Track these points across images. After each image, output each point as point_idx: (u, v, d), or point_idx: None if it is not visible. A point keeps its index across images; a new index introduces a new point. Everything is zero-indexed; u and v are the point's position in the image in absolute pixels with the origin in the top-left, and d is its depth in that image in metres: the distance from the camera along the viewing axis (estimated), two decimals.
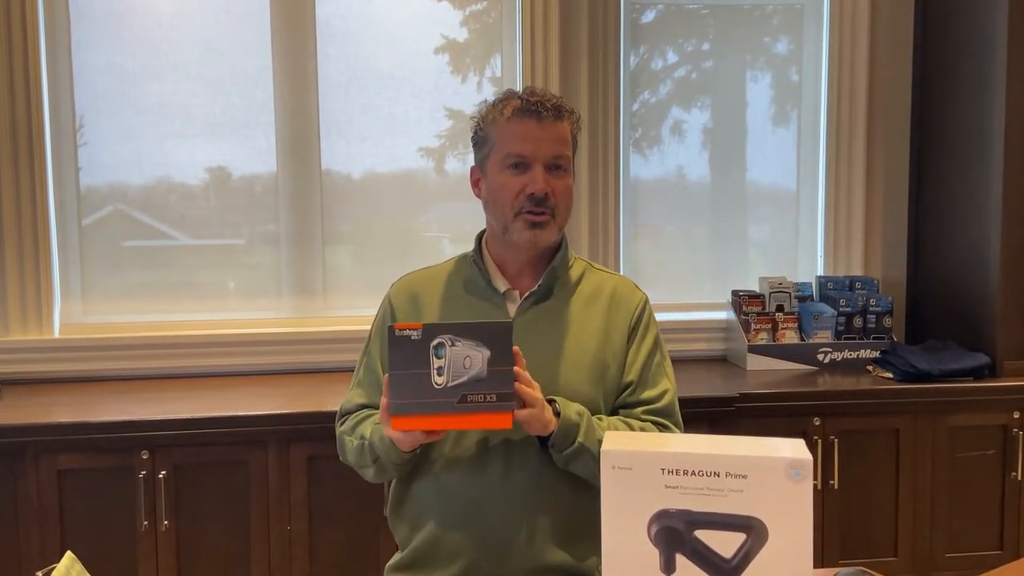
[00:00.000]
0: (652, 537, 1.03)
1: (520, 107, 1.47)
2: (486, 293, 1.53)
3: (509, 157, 1.47)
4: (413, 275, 1.62)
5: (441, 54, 2.84)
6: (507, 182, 1.48)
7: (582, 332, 1.51)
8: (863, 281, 2.89)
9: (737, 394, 2.38)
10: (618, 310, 1.54)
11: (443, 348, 1.23)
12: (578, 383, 1.48)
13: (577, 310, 1.53)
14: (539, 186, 1.45)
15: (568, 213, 1.53)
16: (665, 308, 2.97)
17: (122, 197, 2.72)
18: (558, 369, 1.47)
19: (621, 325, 1.53)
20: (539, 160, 1.46)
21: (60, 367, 2.59)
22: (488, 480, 1.44)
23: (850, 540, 2.46)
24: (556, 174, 1.48)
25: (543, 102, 1.47)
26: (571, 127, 1.52)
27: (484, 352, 1.24)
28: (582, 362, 1.49)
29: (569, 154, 1.51)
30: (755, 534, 1.01)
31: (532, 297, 1.52)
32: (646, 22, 2.96)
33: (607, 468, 1.04)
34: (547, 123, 1.46)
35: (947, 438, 2.48)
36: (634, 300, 1.57)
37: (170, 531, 2.16)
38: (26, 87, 2.53)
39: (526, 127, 1.46)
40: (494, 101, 1.53)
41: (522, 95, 1.49)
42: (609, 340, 1.52)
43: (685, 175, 3.02)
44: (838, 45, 2.93)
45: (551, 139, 1.47)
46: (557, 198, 1.48)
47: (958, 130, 2.79)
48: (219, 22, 2.71)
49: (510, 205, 1.47)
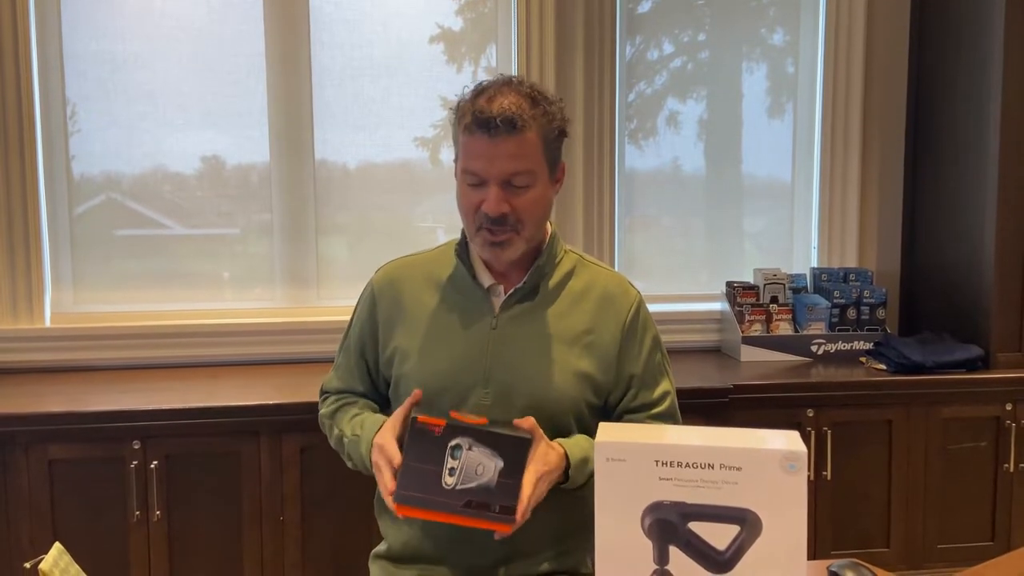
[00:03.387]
0: (646, 529, 1.02)
1: (471, 122, 1.36)
2: (470, 288, 1.48)
3: (465, 172, 1.40)
4: (398, 263, 1.58)
5: (436, 43, 2.82)
6: (466, 194, 1.41)
7: (568, 332, 1.45)
8: (857, 273, 2.89)
9: (731, 385, 2.38)
10: (608, 310, 1.47)
11: (460, 450, 1.22)
12: (559, 385, 1.43)
13: (563, 309, 1.47)
14: (491, 207, 1.36)
15: (536, 224, 1.43)
16: (660, 299, 2.97)
17: (115, 186, 2.70)
18: (540, 370, 1.43)
19: (611, 327, 1.47)
20: (493, 179, 1.36)
21: (51, 356, 2.57)
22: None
23: (843, 531, 2.47)
24: (515, 191, 1.38)
25: (493, 118, 1.33)
26: (539, 132, 1.38)
27: (498, 462, 1.23)
28: (566, 364, 1.44)
29: (531, 167, 1.38)
30: (749, 526, 1.00)
31: (516, 295, 1.46)
32: (642, 12, 2.94)
33: (601, 460, 1.03)
34: (500, 139, 1.34)
35: (940, 430, 2.49)
36: (627, 301, 1.49)
37: (162, 521, 2.15)
38: (16, 74, 2.51)
39: (478, 143, 1.36)
40: (459, 101, 1.42)
41: (475, 107, 1.36)
42: (597, 341, 1.46)
43: (680, 166, 3.02)
44: (834, 37, 2.92)
45: (505, 156, 1.35)
46: (520, 213, 1.38)
47: (954, 122, 2.79)
48: (212, 9, 2.69)
49: (471, 219, 1.41)
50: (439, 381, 1.44)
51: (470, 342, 1.45)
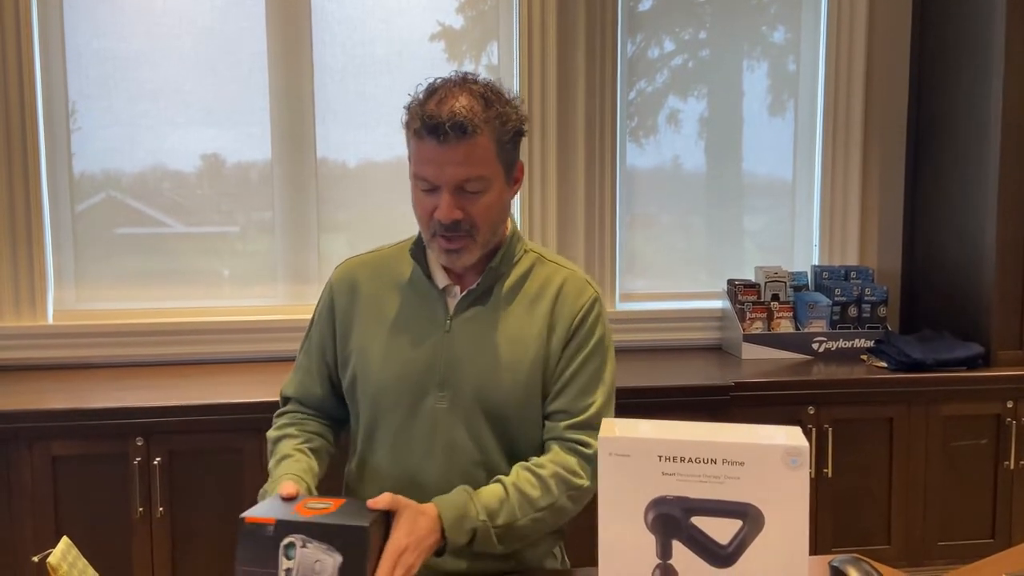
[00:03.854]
0: (649, 524, 1.03)
1: (420, 126, 1.31)
2: (426, 288, 1.44)
3: (417, 178, 1.36)
4: (357, 260, 1.55)
5: (437, 41, 2.82)
6: (419, 200, 1.37)
7: (523, 335, 1.41)
8: (858, 271, 2.89)
9: (732, 383, 2.38)
10: (563, 310, 1.43)
11: (293, 549, 1.12)
12: (513, 389, 1.40)
13: (519, 311, 1.43)
14: (443, 214, 1.33)
15: (493, 228, 1.39)
16: (660, 297, 2.98)
17: (117, 184, 2.71)
18: (493, 373, 1.40)
19: (562, 329, 1.42)
20: (445, 185, 1.32)
21: (53, 353, 2.58)
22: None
23: (843, 528, 2.47)
24: (468, 196, 1.34)
25: (443, 123, 1.28)
26: (492, 135, 1.33)
27: (336, 558, 1.11)
28: (519, 367, 1.40)
29: (484, 172, 1.34)
30: (751, 521, 1.01)
31: (470, 296, 1.42)
32: (643, 10, 2.94)
33: (604, 454, 1.03)
34: (450, 145, 1.30)
35: (941, 427, 2.49)
36: (581, 299, 1.45)
37: (165, 518, 2.16)
38: (19, 72, 2.51)
39: (428, 149, 1.32)
40: (410, 103, 1.37)
41: (424, 111, 1.31)
42: (551, 343, 1.42)
43: (681, 164, 3.02)
44: (836, 34, 2.93)
45: (456, 162, 1.31)
46: (474, 218, 1.35)
47: (955, 120, 2.79)
48: (214, 7, 2.69)
49: (425, 224, 1.38)
50: (394, 384, 1.41)
51: (424, 344, 1.42)
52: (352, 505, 1.19)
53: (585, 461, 1.39)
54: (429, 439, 1.41)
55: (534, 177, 2.79)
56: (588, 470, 1.38)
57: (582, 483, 1.38)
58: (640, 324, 2.87)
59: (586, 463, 1.39)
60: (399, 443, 1.43)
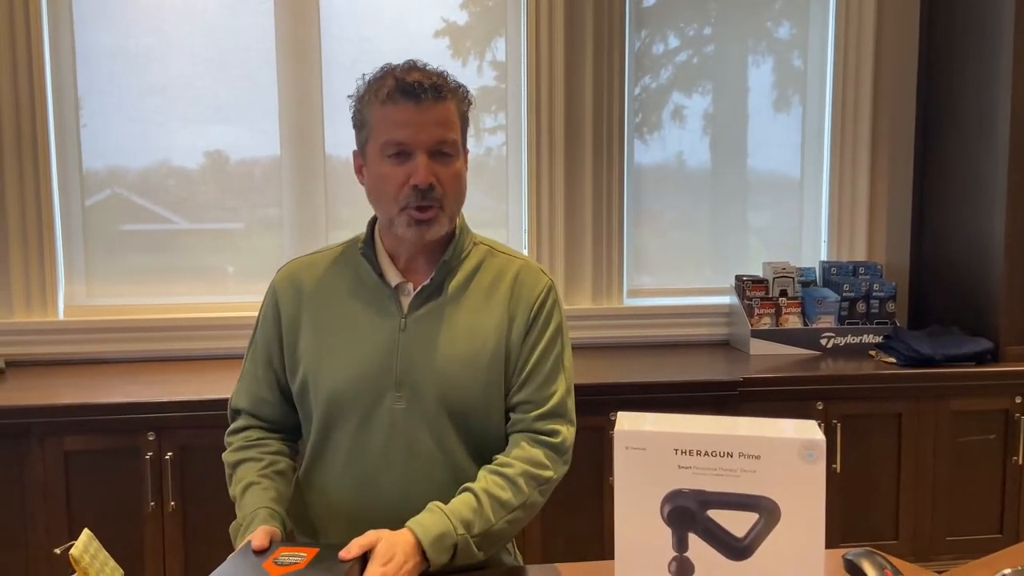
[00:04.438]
0: (665, 517, 1.03)
1: (395, 88, 1.31)
2: (378, 287, 1.40)
3: (388, 145, 1.32)
4: (299, 262, 1.48)
5: (444, 37, 2.82)
6: (388, 173, 1.33)
7: (480, 327, 1.38)
8: (867, 266, 2.89)
9: (740, 378, 2.39)
10: (519, 299, 1.41)
11: None
12: (473, 383, 1.37)
13: (474, 304, 1.40)
14: (421, 176, 1.31)
15: (459, 201, 1.38)
16: (669, 293, 2.99)
17: (126, 180, 2.71)
18: (451, 369, 1.36)
19: (521, 318, 1.40)
20: (421, 147, 1.31)
21: (64, 349, 2.59)
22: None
23: (852, 523, 2.48)
24: (442, 161, 1.33)
25: (421, 81, 1.30)
26: (457, 104, 1.36)
27: None
28: (478, 361, 1.37)
29: (456, 137, 1.35)
30: (767, 514, 1.01)
31: (423, 292, 1.39)
32: (648, 6, 2.94)
33: (621, 449, 1.04)
34: (427, 105, 1.30)
35: (949, 422, 2.49)
36: (537, 287, 1.42)
37: (176, 512, 2.17)
38: (28, 68, 2.52)
39: (403, 111, 1.30)
40: (370, 79, 1.37)
41: (397, 73, 1.33)
42: (512, 334, 1.39)
43: (686, 160, 3.02)
44: (844, 29, 2.93)
45: (432, 123, 1.31)
46: (445, 187, 1.33)
47: (963, 115, 2.79)
48: (222, 3, 2.70)
49: (393, 199, 1.34)
50: (349, 387, 1.37)
51: (378, 344, 1.37)
52: (325, 555, 1.15)
53: (552, 451, 1.38)
54: (387, 442, 1.37)
55: (541, 173, 2.79)
56: (556, 460, 1.38)
57: (550, 475, 1.36)
58: (648, 320, 2.88)
59: (553, 453, 1.38)
60: (356, 448, 1.38)
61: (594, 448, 2.30)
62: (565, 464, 1.40)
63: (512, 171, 2.87)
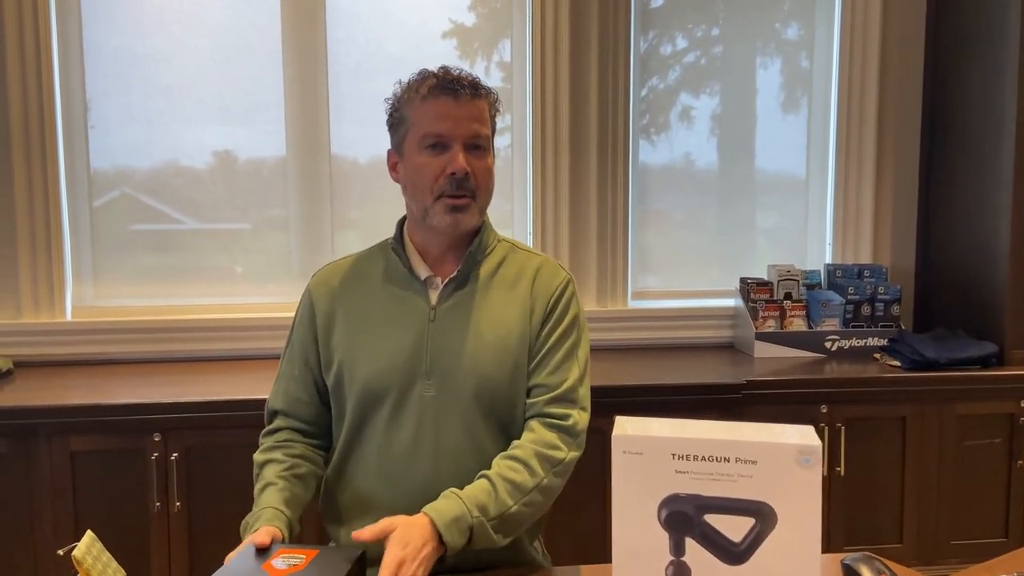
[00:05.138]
0: (662, 521, 1.04)
1: (436, 85, 1.42)
2: (407, 281, 1.48)
3: (427, 137, 1.42)
4: (331, 267, 1.57)
5: (450, 39, 2.83)
6: (426, 163, 1.42)
7: (505, 318, 1.45)
8: (872, 269, 2.89)
9: (744, 381, 2.39)
10: (540, 290, 1.48)
11: None
12: (499, 370, 1.42)
13: (499, 296, 1.47)
14: (458, 165, 1.39)
15: (489, 195, 1.47)
16: (673, 295, 2.99)
17: (134, 181, 2.73)
18: (479, 356, 1.42)
19: (540, 308, 1.47)
20: (457, 139, 1.41)
21: (72, 350, 2.61)
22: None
23: (855, 527, 2.48)
24: (475, 154, 1.43)
25: (459, 79, 1.42)
26: (489, 106, 1.46)
27: None
28: (504, 349, 1.43)
29: (488, 133, 1.46)
30: (764, 519, 1.02)
31: (452, 283, 1.46)
32: (656, 7, 2.94)
33: (618, 453, 1.05)
34: (464, 101, 1.41)
35: (954, 426, 2.49)
36: (555, 281, 1.50)
37: (182, 513, 2.18)
38: (37, 68, 2.54)
39: (443, 105, 1.41)
40: (409, 81, 1.47)
41: (437, 73, 1.44)
42: (532, 323, 1.46)
43: (693, 162, 3.02)
44: (850, 31, 2.92)
45: (469, 117, 1.42)
46: (477, 179, 1.42)
47: (970, 118, 2.78)
48: (229, 5, 2.72)
49: (429, 188, 1.42)
50: (380, 379, 1.43)
51: (409, 335, 1.44)
52: (325, 557, 1.17)
53: (564, 433, 1.42)
54: (417, 431, 1.42)
55: (546, 174, 2.80)
56: (569, 441, 1.41)
57: (562, 456, 1.39)
58: (652, 322, 2.88)
59: (565, 435, 1.41)
60: (386, 440, 1.43)
61: (597, 450, 2.29)
62: (579, 447, 1.43)
63: (517, 172, 2.88)
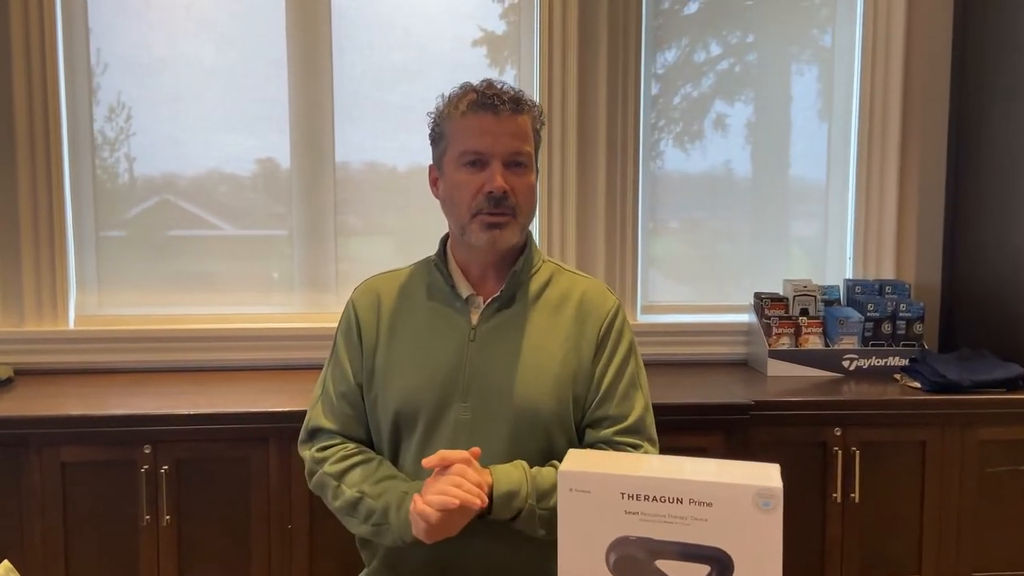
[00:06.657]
0: (611, 565, 0.97)
1: (476, 100, 1.38)
2: (449, 299, 1.45)
3: (465, 154, 1.38)
4: (376, 279, 1.55)
5: (457, 48, 2.79)
6: (464, 180, 1.39)
7: (548, 341, 1.42)
8: (894, 285, 2.77)
9: (752, 401, 2.29)
10: (587, 318, 1.44)
11: None
12: (540, 395, 1.39)
13: (542, 318, 1.43)
14: (496, 183, 1.36)
15: (531, 212, 1.44)
16: (684, 310, 2.90)
17: (138, 190, 2.73)
18: (519, 380, 1.39)
19: (590, 335, 1.44)
20: (497, 156, 1.37)
21: (74, 358, 2.61)
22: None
23: (871, 555, 2.36)
24: (516, 171, 1.39)
25: (500, 94, 1.38)
26: (532, 121, 1.42)
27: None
28: (546, 373, 1.40)
29: (530, 150, 1.41)
30: (720, 566, 0.94)
31: (495, 303, 1.43)
32: (688, 14, 2.87)
33: (564, 490, 0.98)
34: (504, 117, 1.37)
35: (976, 452, 2.36)
36: (605, 308, 1.47)
37: (171, 526, 2.15)
38: (43, 76, 2.55)
39: (483, 121, 1.37)
40: (450, 95, 1.44)
41: (478, 88, 1.40)
42: (577, 350, 1.42)
43: (712, 171, 2.93)
44: (872, 39, 2.81)
45: (509, 134, 1.38)
46: (518, 197, 1.39)
47: (998, 131, 2.65)
48: (233, 13, 2.70)
49: (467, 205, 1.39)
50: (416, 396, 1.40)
51: (448, 355, 1.41)
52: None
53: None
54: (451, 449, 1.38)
55: (554, 183, 2.73)
56: None
57: None
58: (662, 337, 2.79)
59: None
60: (421, 459, 1.38)
61: None
62: None
63: None
